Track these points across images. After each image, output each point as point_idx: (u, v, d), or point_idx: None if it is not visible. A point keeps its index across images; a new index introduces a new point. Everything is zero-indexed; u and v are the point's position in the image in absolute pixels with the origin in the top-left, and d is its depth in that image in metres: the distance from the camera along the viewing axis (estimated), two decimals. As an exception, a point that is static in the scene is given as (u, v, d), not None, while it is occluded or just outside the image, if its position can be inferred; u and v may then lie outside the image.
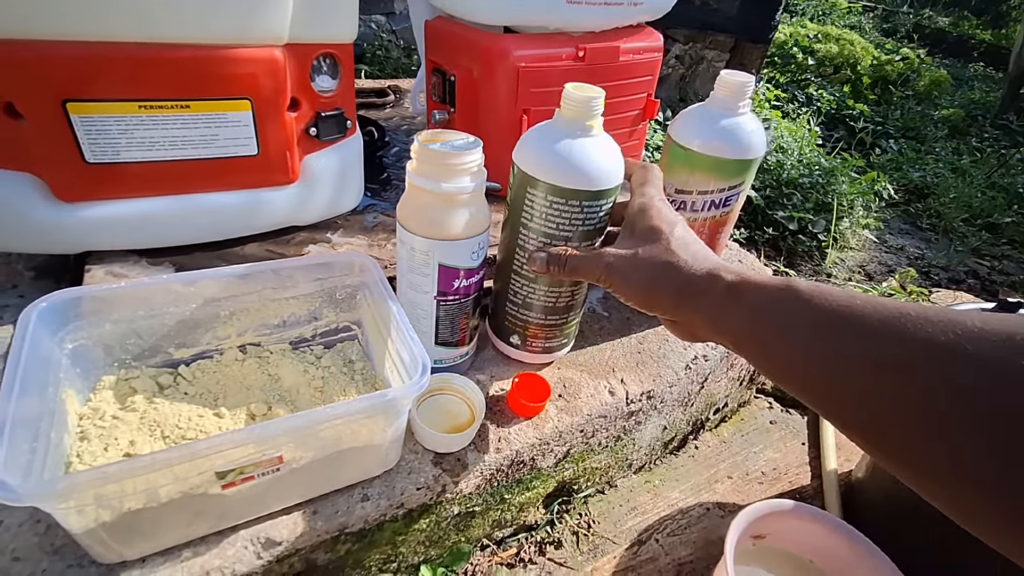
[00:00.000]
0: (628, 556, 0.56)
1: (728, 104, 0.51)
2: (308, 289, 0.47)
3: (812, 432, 0.74)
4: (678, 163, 0.53)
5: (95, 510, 0.31)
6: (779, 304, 0.30)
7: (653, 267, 0.37)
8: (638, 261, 0.38)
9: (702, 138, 0.51)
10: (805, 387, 0.29)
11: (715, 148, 0.51)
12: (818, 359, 0.28)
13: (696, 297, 0.35)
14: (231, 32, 0.45)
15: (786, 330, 0.30)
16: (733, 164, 0.51)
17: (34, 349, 0.35)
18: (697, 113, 0.52)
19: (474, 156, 0.41)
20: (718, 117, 0.51)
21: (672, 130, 0.54)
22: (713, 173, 0.52)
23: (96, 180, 0.46)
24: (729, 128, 0.51)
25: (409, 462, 0.45)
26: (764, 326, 0.31)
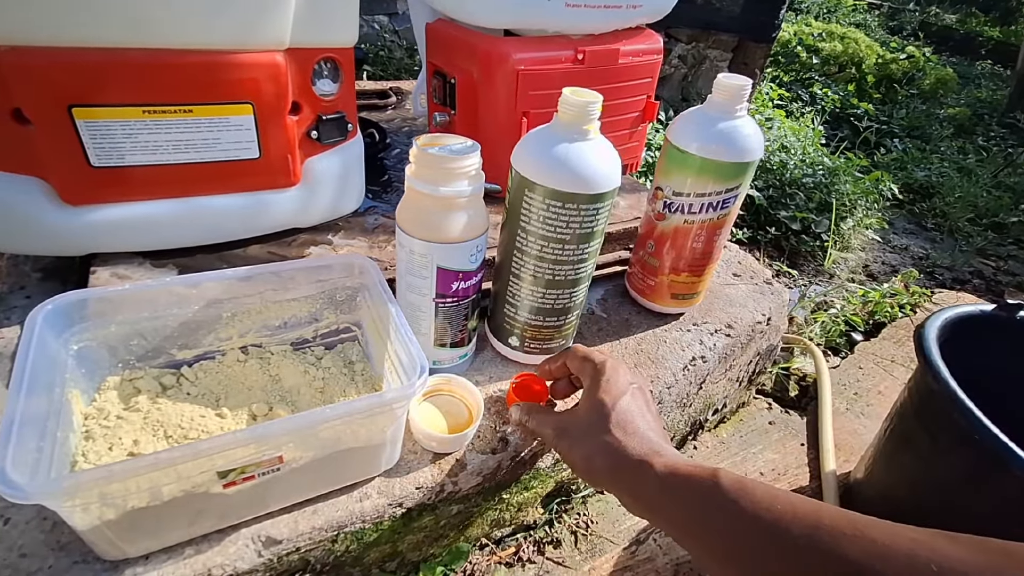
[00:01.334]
0: (626, 556, 0.57)
1: (726, 107, 0.51)
2: (309, 291, 0.48)
3: (811, 433, 0.75)
4: (675, 166, 0.54)
5: (100, 508, 0.31)
6: (705, 501, 0.32)
7: (592, 444, 0.39)
8: (580, 435, 0.40)
9: (700, 141, 0.51)
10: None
11: (713, 151, 0.51)
12: (737, 562, 0.30)
13: (628, 482, 0.37)
14: (233, 38, 0.46)
15: (709, 528, 0.32)
16: (731, 167, 0.52)
17: (41, 350, 0.36)
18: (695, 116, 0.53)
19: (472, 160, 0.42)
20: (716, 120, 0.51)
21: (670, 133, 0.54)
22: (711, 176, 0.52)
23: (101, 184, 0.47)
24: (726, 131, 0.51)
25: (408, 462, 0.46)
26: (690, 521, 0.33)
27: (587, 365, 0.44)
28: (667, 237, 0.58)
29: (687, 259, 0.58)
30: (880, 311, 1.04)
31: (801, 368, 0.86)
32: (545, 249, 0.46)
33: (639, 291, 0.64)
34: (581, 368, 0.44)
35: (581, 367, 0.44)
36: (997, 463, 0.45)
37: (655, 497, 0.35)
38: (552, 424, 0.43)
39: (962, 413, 0.47)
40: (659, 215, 0.57)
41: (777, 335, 0.73)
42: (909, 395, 0.57)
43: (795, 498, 0.29)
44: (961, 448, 0.49)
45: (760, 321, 0.67)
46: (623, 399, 0.40)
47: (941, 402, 0.50)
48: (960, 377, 0.50)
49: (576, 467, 0.40)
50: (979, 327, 0.61)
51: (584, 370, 0.44)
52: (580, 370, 0.45)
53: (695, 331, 0.63)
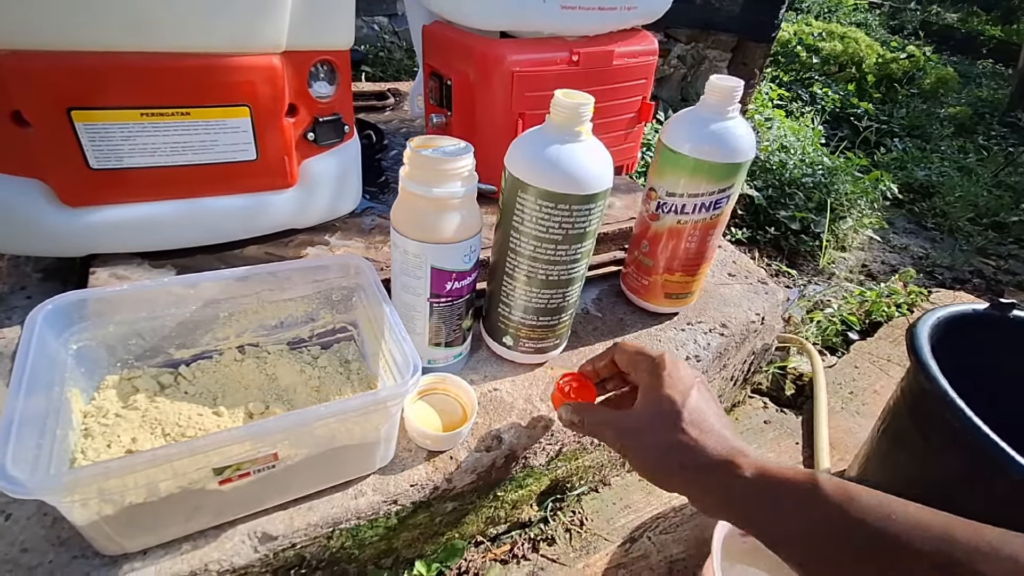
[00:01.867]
0: (620, 553, 0.57)
1: (718, 108, 0.51)
2: (305, 291, 0.48)
3: (806, 432, 0.75)
4: (669, 166, 0.54)
5: (98, 504, 0.32)
6: (806, 508, 0.30)
7: (663, 444, 0.36)
8: (649, 435, 0.37)
9: (692, 142, 0.52)
10: None
11: (705, 152, 0.52)
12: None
13: (710, 485, 0.34)
14: (230, 41, 0.47)
15: (812, 538, 0.29)
16: (723, 168, 0.52)
17: (40, 349, 0.36)
18: (687, 118, 0.53)
19: (465, 161, 0.43)
20: (708, 121, 0.52)
21: (664, 134, 0.55)
22: (703, 176, 0.53)
23: (100, 185, 0.48)
24: (719, 132, 0.51)
25: (403, 460, 0.46)
26: (787, 528, 0.30)
27: (642, 360, 0.41)
28: (661, 237, 0.58)
29: (681, 259, 0.59)
30: (877, 310, 1.04)
31: (797, 367, 0.87)
32: (538, 249, 0.47)
33: (634, 291, 0.64)
34: (634, 363, 0.41)
35: (634, 362, 0.41)
36: (989, 464, 0.46)
37: (743, 501, 0.32)
38: (612, 423, 0.40)
39: (954, 413, 0.48)
40: (653, 215, 0.58)
41: (771, 334, 0.74)
42: (902, 394, 0.57)
43: (912, 507, 0.27)
44: (953, 448, 0.50)
45: (754, 320, 0.68)
46: (692, 393, 0.37)
47: (933, 402, 0.50)
48: (953, 376, 0.50)
49: (644, 468, 0.37)
50: (972, 326, 0.61)
51: (639, 365, 0.41)
52: (634, 365, 0.42)
53: (689, 330, 0.64)
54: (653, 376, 0.39)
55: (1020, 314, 0.61)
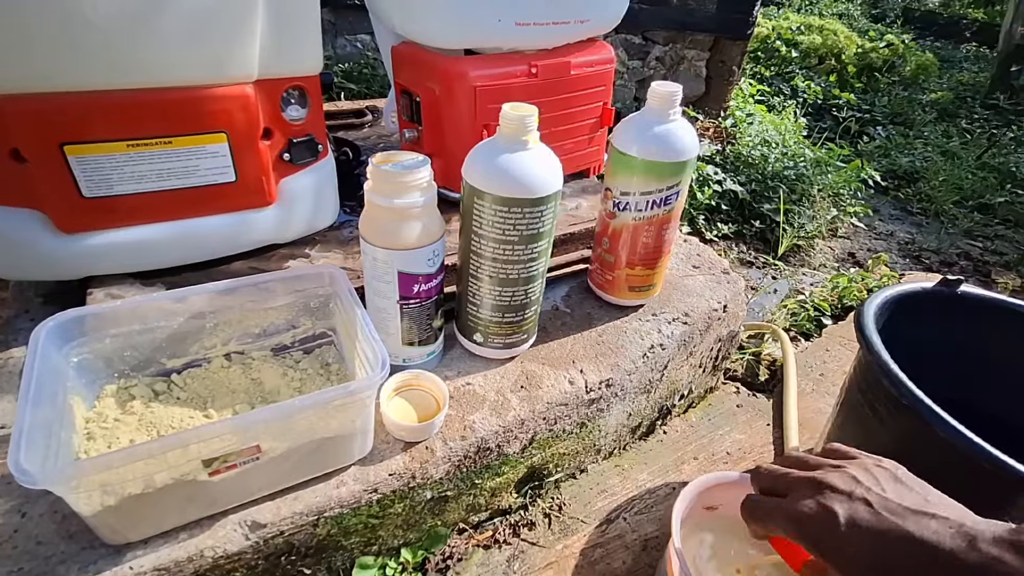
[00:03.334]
0: (597, 534, 0.61)
1: (660, 112, 0.55)
2: (285, 300, 0.52)
3: (777, 414, 0.78)
4: (620, 168, 0.58)
5: (101, 495, 0.36)
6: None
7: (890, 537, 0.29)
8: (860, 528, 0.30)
9: (639, 144, 0.56)
10: None
11: (651, 153, 0.56)
12: None
13: None
14: (205, 74, 0.51)
15: None
16: (669, 166, 0.56)
17: (44, 362, 0.40)
18: (634, 122, 0.57)
19: (422, 174, 0.47)
20: (652, 124, 0.56)
21: (614, 138, 0.59)
22: (651, 175, 0.57)
23: (93, 212, 0.52)
24: (662, 134, 0.55)
25: (381, 451, 0.50)
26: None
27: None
28: (619, 234, 0.62)
29: (640, 253, 0.63)
30: (848, 295, 1.08)
31: (771, 353, 0.90)
32: (497, 251, 0.51)
33: (599, 286, 0.68)
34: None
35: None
36: (924, 428, 0.49)
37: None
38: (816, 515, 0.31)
39: (892, 381, 0.51)
40: (610, 214, 0.62)
41: (737, 322, 0.77)
42: (853, 370, 0.61)
43: None
44: (895, 415, 0.53)
45: (716, 309, 0.71)
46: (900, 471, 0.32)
47: (875, 373, 0.54)
48: (912, 352, 0.54)
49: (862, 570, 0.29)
50: (922, 304, 0.65)
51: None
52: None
53: (653, 321, 0.67)
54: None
55: (968, 290, 0.65)
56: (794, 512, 0.32)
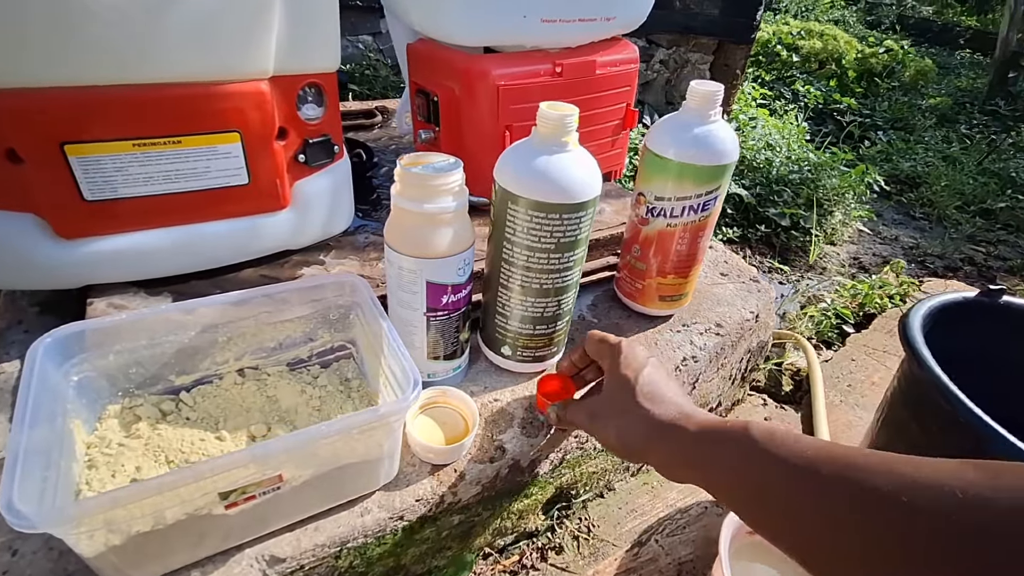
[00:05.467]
0: (629, 558, 0.57)
1: (700, 113, 0.53)
2: (302, 311, 0.49)
3: (806, 427, 0.75)
4: (655, 172, 0.55)
5: (105, 534, 0.32)
6: (738, 453, 0.33)
7: (623, 418, 0.40)
8: (610, 412, 0.41)
9: (676, 147, 0.53)
10: (761, 526, 0.32)
11: (690, 156, 0.53)
12: (773, 507, 0.31)
13: (663, 448, 0.37)
14: (219, 69, 0.47)
15: (745, 479, 0.33)
16: (708, 170, 0.53)
17: (42, 382, 0.36)
18: (671, 123, 0.54)
19: (455, 177, 0.43)
20: (691, 126, 0.53)
21: (648, 140, 0.56)
22: (689, 180, 0.54)
23: (95, 217, 0.48)
24: (702, 136, 0.52)
25: (407, 475, 0.46)
26: (726, 475, 0.34)
27: (604, 347, 0.45)
28: (652, 241, 0.59)
29: (672, 261, 0.60)
30: (870, 302, 1.05)
31: (794, 363, 0.87)
32: (531, 259, 0.47)
33: (628, 295, 0.65)
34: (599, 351, 0.46)
35: (599, 350, 0.46)
36: (982, 445, 0.46)
37: (690, 457, 0.36)
38: (583, 411, 0.44)
39: (946, 397, 0.49)
40: (643, 220, 0.58)
41: (767, 332, 0.74)
42: (898, 384, 0.58)
43: (824, 443, 0.31)
44: (948, 432, 0.50)
45: (748, 319, 0.68)
46: (644, 371, 0.41)
47: (926, 388, 0.51)
48: (946, 363, 0.51)
49: (611, 444, 0.41)
50: (964, 313, 0.62)
51: (602, 352, 0.45)
52: (598, 353, 0.46)
53: (685, 332, 0.64)
54: (612, 360, 0.43)
55: (1010, 299, 0.62)
56: (587, 410, 0.44)
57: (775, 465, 0.31)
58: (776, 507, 0.31)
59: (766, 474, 0.31)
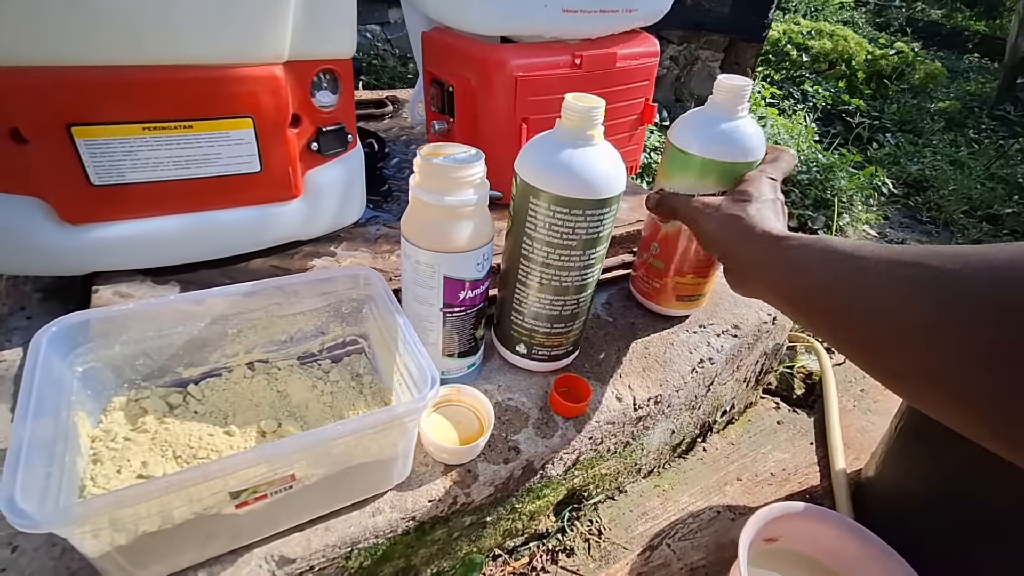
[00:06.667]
0: (640, 562, 0.56)
1: (727, 108, 0.51)
2: (314, 304, 0.47)
3: (819, 432, 0.74)
4: (678, 168, 0.53)
5: (110, 534, 0.31)
6: (805, 248, 0.37)
7: (725, 218, 0.45)
8: (717, 212, 0.46)
9: (701, 142, 0.51)
10: (815, 312, 0.36)
11: (716, 152, 0.51)
12: (830, 288, 0.34)
13: (753, 248, 0.42)
14: (232, 52, 0.46)
15: (806, 266, 0.37)
16: (733, 167, 0.51)
17: (45, 374, 0.35)
18: (696, 118, 0.53)
19: (477, 169, 0.42)
20: (717, 121, 0.51)
21: (672, 135, 0.54)
22: (713, 177, 0.52)
23: (102, 202, 0.47)
24: (728, 132, 0.51)
25: (420, 475, 0.45)
26: (794, 265, 0.38)
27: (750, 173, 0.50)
28: (671, 239, 0.57)
29: (692, 261, 0.58)
30: (882, 306, 1.04)
31: (806, 366, 0.86)
32: (551, 256, 0.46)
33: (644, 294, 0.64)
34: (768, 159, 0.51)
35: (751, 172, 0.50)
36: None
37: (767, 255, 0.40)
38: (690, 205, 0.49)
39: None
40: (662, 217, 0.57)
41: (783, 334, 0.73)
42: (918, 391, 0.57)
43: (877, 247, 0.33)
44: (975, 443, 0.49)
45: (766, 321, 0.67)
46: (766, 199, 0.45)
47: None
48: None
49: (702, 237, 0.47)
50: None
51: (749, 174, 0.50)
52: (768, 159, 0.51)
53: (702, 333, 0.63)
54: (744, 179, 0.48)
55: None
56: (698, 202, 0.49)
57: (834, 253, 0.35)
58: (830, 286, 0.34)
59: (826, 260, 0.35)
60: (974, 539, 0.50)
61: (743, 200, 0.45)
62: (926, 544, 0.52)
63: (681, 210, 0.50)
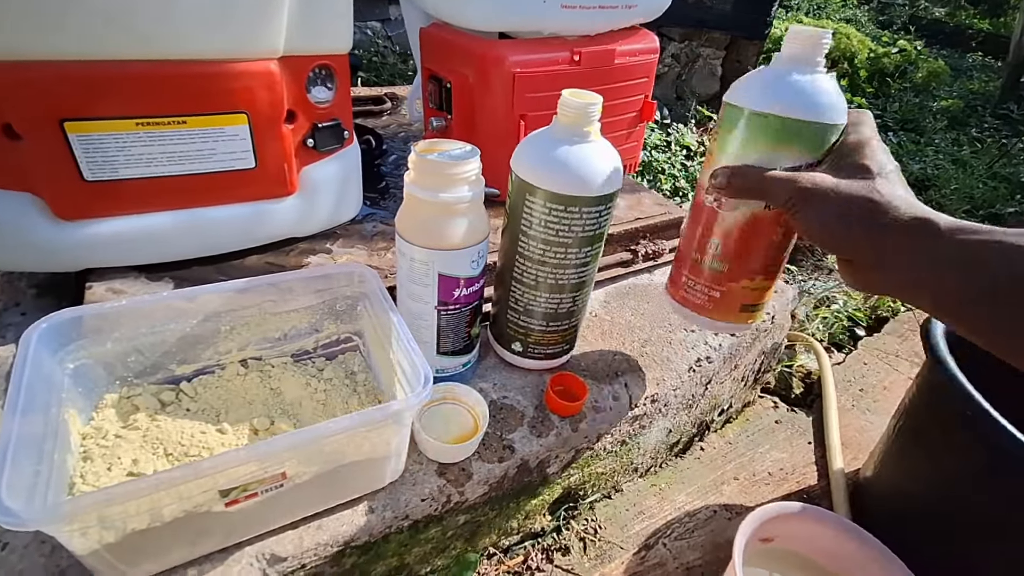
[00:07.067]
0: (636, 561, 0.56)
1: (806, 60, 0.39)
2: (308, 301, 0.47)
3: (817, 431, 0.74)
4: (750, 136, 0.40)
5: (99, 532, 0.31)
6: (984, 243, 0.30)
7: (851, 201, 0.34)
8: (835, 192, 0.35)
9: (782, 99, 0.39)
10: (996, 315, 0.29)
11: (802, 110, 0.38)
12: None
13: (898, 239, 0.32)
14: (227, 47, 0.45)
15: (985, 262, 0.29)
16: (821, 129, 0.38)
17: (36, 370, 0.35)
18: (769, 75, 0.40)
19: (472, 165, 0.41)
20: (795, 75, 0.39)
21: (735, 95, 0.42)
22: (796, 143, 0.39)
23: (95, 198, 0.46)
24: (816, 86, 0.39)
25: (413, 473, 0.45)
26: (969, 261, 0.30)
27: (855, 136, 0.38)
28: (743, 232, 0.43)
29: (764, 257, 0.44)
30: (883, 305, 1.04)
31: (805, 365, 0.86)
32: (547, 253, 0.46)
33: (695, 306, 0.48)
34: (853, 135, 0.38)
35: (853, 134, 0.38)
36: (1010, 459, 0.45)
37: (941, 253, 0.31)
38: (790, 183, 0.36)
39: (973, 409, 0.47)
40: (723, 203, 0.43)
41: (781, 333, 0.73)
42: (918, 391, 0.56)
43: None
44: (974, 444, 0.49)
45: (764, 319, 0.67)
46: (890, 172, 0.35)
47: (951, 398, 0.49)
48: (968, 370, 0.50)
49: (819, 227, 0.35)
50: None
51: (851, 137, 0.38)
52: (852, 136, 0.38)
53: (699, 331, 0.63)
54: (852, 149, 0.37)
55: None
56: (795, 181, 0.37)
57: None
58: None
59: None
60: (972, 539, 0.50)
61: (864, 176, 0.34)
62: (924, 544, 0.51)
63: (775, 189, 0.37)
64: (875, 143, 0.37)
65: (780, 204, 0.38)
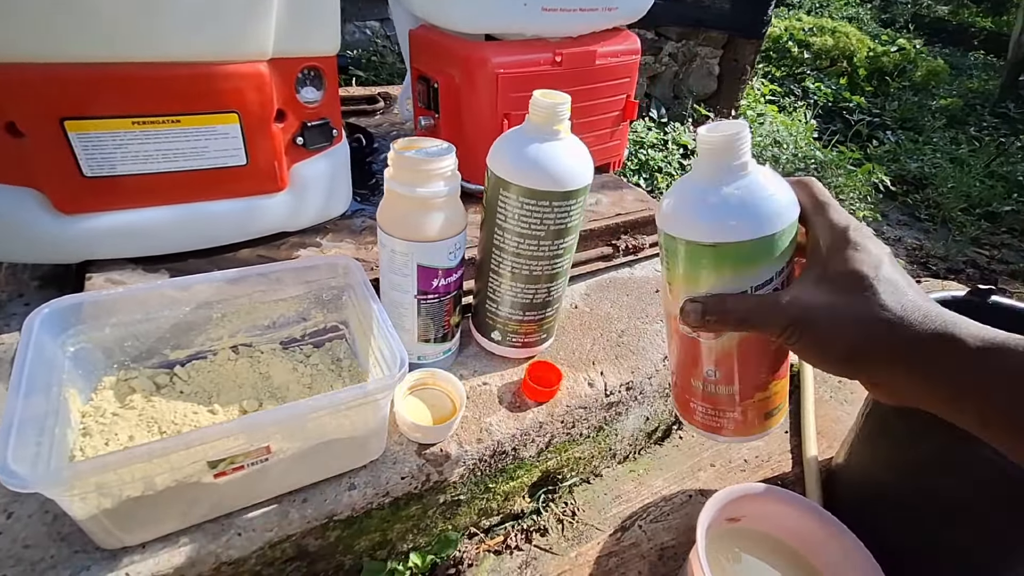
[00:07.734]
0: (612, 542, 0.58)
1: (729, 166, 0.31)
2: (296, 291, 0.50)
3: (794, 421, 0.76)
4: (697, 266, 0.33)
5: (97, 498, 0.33)
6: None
7: (860, 325, 0.30)
8: (838, 316, 0.30)
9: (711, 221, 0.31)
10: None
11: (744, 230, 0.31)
12: None
13: (923, 363, 0.29)
14: (218, 50, 0.48)
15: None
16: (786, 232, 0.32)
17: (38, 353, 0.38)
18: (696, 193, 0.32)
19: (447, 162, 0.44)
20: (720, 184, 0.31)
21: (674, 227, 0.33)
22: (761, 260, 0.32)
23: (94, 193, 0.49)
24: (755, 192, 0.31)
25: (394, 453, 0.47)
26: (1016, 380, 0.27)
27: (822, 222, 0.32)
28: (738, 355, 0.35)
29: (768, 368, 0.36)
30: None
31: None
32: (521, 246, 0.48)
33: (715, 430, 0.40)
34: (824, 227, 0.32)
35: (824, 225, 0.32)
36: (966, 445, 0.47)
37: (968, 375, 0.28)
38: (782, 311, 0.31)
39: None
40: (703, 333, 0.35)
41: (758, 326, 0.75)
42: (883, 380, 0.58)
43: None
44: (932, 430, 0.51)
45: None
46: (884, 265, 0.31)
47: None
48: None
49: (833, 359, 0.31)
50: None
51: (818, 227, 0.32)
52: (822, 229, 0.32)
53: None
54: (835, 249, 0.31)
55: (998, 299, 0.63)
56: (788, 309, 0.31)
57: None
58: None
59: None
60: (934, 524, 0.52)
61: (861, 287, 0.30)
62: (891, 528, 0.53)
63: (764, 323, 0.31)
64: (854, 233, 0.32)
65: (776, 336, 0.32)
